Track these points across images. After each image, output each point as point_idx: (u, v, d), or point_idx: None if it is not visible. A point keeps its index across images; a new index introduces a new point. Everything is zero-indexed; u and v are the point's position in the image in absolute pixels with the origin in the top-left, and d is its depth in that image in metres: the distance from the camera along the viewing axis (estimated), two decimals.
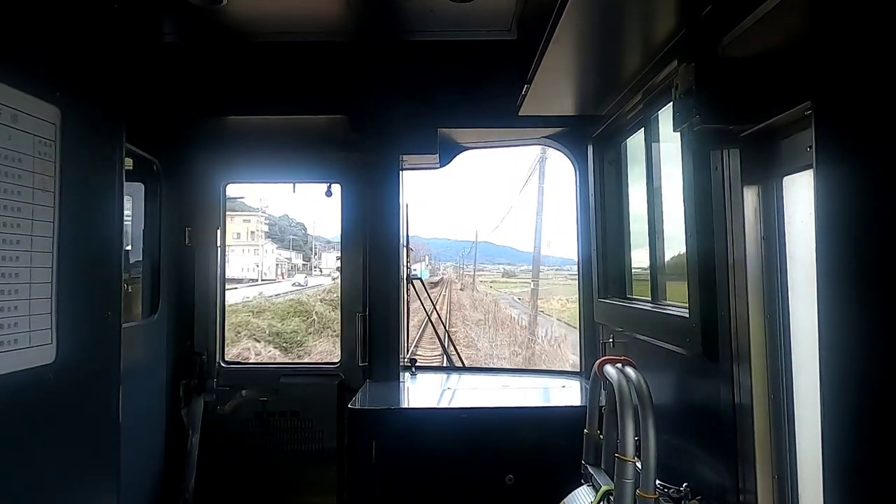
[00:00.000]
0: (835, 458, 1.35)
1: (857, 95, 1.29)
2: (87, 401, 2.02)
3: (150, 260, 4.06)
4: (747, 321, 2.09)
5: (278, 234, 48.78)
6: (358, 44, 3.86)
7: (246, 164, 4.41)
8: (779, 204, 2.07)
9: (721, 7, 2.02)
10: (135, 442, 3.55)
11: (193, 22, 3.53)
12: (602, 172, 3.73)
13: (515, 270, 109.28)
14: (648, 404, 2.19)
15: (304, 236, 51.16)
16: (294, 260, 48.35)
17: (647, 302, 3.18)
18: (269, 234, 44.84)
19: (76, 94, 1.94)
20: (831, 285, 1.36)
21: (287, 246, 48.21)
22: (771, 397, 2.06)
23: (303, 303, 19.96)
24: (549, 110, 3.52)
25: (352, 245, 4.28)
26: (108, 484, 2.16)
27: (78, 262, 1.93)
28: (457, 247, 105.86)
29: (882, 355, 1.21)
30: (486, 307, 32.17)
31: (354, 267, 4.25)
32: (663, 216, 3.00)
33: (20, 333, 1.69)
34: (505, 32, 3.67)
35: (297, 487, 4.16)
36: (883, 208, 1.22)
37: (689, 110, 2.04)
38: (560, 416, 3.29)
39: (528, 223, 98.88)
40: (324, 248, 48.07)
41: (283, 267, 44.14)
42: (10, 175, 1.66)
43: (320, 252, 48.51)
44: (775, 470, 2.05)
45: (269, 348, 15.14)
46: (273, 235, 46.86)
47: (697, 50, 2.13)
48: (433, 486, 3.30)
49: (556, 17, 2.23)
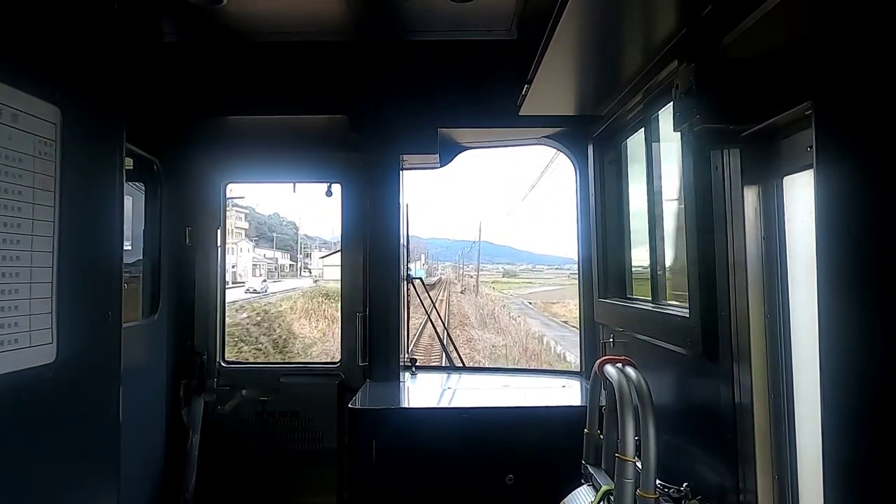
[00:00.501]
0: (835, 458, 1.35)
1: (858, 95, 1.29)
2: (87, 401, 2.02)
3: (150, 260, 4.06)
4: (747, 321, 2.09)
5: (267, 234, 47.87)
6: (358, 44, 3.86)
7: (246, 163, 4.41)
8: (779, 204, 2.07)
9: (721, 7, 2.02)
10: (135, 442, 3.55)
11: (193, 22, 3.53)
12: (602, 172, 3.74)
13: (516, 270, 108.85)
14: (648, 404, 2.19)
15: (294, 235, 50.27)
16: (281, 260, 47.01)
17: (647, 302, 3.18)
18: (250, 233, 43.21)
19: (76, 94, 1.94)
20: (831, 285, 1.36)
21: (275, 246, 47.13)
22: (771, 397, 2.06)
23: (237, 324, 16.35)
24: (549, 110, 3.52)
25: (352, 245, 4.28)
26: (108, 484, 2.16)
27: (78, 262, 1.93)
28: (456, 247, 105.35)
29: (882, 355, 1.21)
30: (498, 320, 25.85)
31: (354, 267, 4.25)
32: (663, 216, 3.00)
33: (20, 333, 1.69)
34: (505, 32, 3.67)
35: (297, 487, 4.16)
36: (883, 208, 1.22)
37: (689, 110, 2.04)
38: (560, 416, 3.29)
39: (527, 223, 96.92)
40: (316, 248, 46.39)
41: (260, 268, 41.96)
42: (10, 175, 1.66)
43: (311, 252, 46.68)
44: (775, 469, 2.05)
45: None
46: (262, 234, 45.91)
47: (698, 50, 2.13)
48: (433, 485, 3.30)
49: (556, 17, 2.23)
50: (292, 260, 48.23)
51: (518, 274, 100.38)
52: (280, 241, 48.31)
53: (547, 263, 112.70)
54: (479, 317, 27.23)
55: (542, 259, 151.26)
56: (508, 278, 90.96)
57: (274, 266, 45.12)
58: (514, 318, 26.52)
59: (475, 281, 52.44)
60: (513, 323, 25.24)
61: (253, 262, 41.75)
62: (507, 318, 26.52)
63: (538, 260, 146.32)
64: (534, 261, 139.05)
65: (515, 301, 40.39)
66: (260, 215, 48.68)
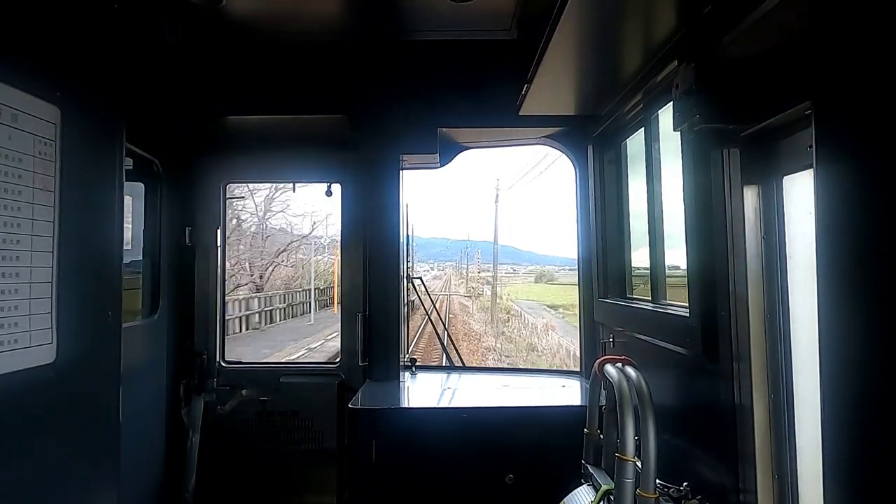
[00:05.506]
0: (835, 458, 1.35)
1: (857, 95, 1.29)
2: (87, 400, 2.02)
3: (150, 260, 4.06)
4: (747, 321, 2.09)
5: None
6: (358, 44, 3.86)
7: (246, 163, 4.41)
8: (779, 204, 2.07)
9: (721, 7, 2.02)
10: (135, 442, 3.55)
11: (193, 21, 3.53)
12: (602, 172, 3.74)
13: (520, 271, 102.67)
14: (648, 404, 2.19)
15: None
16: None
17: (647, 302, 3.18)
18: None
19: (76, 94, 1.94)
20: (831, 285, 1.36)
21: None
22: (771, 397, 2.06)
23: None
24: (549, 110, 3.52)
25: (352, 245, 4.29)
26: (108, 484, 2.16)
27: (78, 262, 1.93)
28: (456, 247, 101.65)
29: (882, 355, 1.21)
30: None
31: (354, 267, 4.25)
32: (663, 216, 3.00)
33: (20, 333, 1.69)
34: (505, 32, 3.66)
35: (297, 487, 4.16)
36: (883, 208, 1.22)
37: (689, 110, 2.04)
38: (560, 416, 3.29)
39: (530, 223, 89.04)
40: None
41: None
42: (10, 175, 1.66)
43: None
44: (775, 469, 2.05)
45: None
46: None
47: (697, 50, 2.13)
48: (433, 485, 3.30)
49: (556, 17, 2.23)
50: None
51: (556, 278, 76.91)
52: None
53: (557, 265, 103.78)
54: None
55: (546, 260, 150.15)
56: (547, 283, 72.93)
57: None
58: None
59: (492, 288, 39.15)
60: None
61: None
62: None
63: (544, 261, 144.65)
64: (539, 262, 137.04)
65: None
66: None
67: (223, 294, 4.39)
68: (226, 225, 4.43)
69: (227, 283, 4.57)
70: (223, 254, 4.38)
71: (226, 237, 4.44)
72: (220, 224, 4.34)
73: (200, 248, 4.30)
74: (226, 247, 4.44)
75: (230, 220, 23.81)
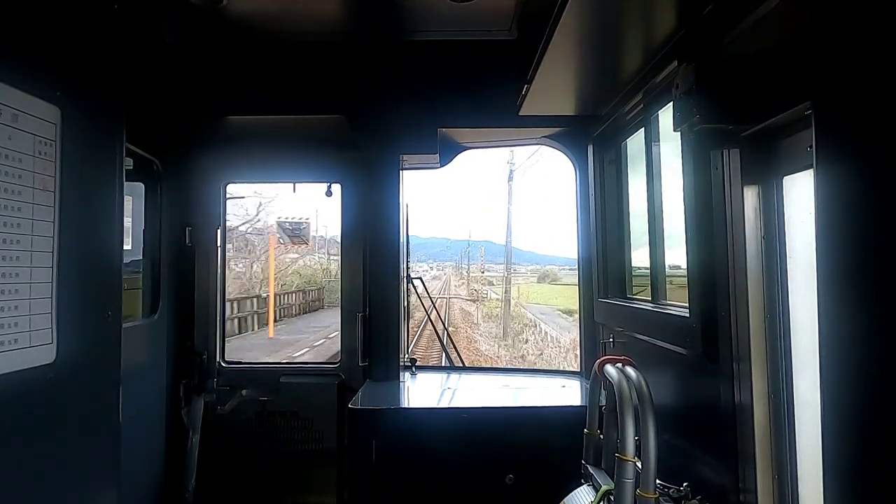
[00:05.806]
0: (835, 458, 1.35)
1: (857, 95, 1.29)
2: (87, 400, 2.02)
3: (150, 260, 4.06)
4: (747, 321, 2.09)
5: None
6: (358, 44, 3.86)
7: (246, 163, 4.41)
8: (779, 204, 2.07)
9: (721, 7, 2.02)
10: (135, 442, 3.55)
11: (193, 21, 3.53)
12: (602, 172, 3.74)
13: (521, 270, 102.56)
14: (648, 404, 2.19)
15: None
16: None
17: (647, 302, 3.18)
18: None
19: (76, 94, 1.94)
20: (831, 285, 1.36)
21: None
22: (771, 397, 2.06)
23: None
24: (549, 110, 3.52)
25: (352, 245, 4.29)
26: (108, 483, 2.16)
27: (78, 262, 1.93)
28: (455, 246, 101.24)
29: (882, 355, 1.21)
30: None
31: (354, 267, 4.25)
32: (663, 216, 3.00)
33: (20, 333, 1.69)
34: (505, 32, 3.66)
35: (297, 487, 4.16)
36: (883, 208, 1.22)
37: (689, 110, 2.04)
38: (560, 416, 3.29)
39: (529, 222, 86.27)
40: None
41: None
42: (10, 175, 1.66)
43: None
44: (775, 470, 2.05)
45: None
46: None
47: (698, 50, 2.13)
48: (433, 485, 3.30)
49: (556, 17, 2.23)
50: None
51: (560, 278, 72.25)
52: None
53: (558, 264, 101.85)
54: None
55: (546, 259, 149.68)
56: (551, 283, 70.76)
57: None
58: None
59: (504, 293, 28.91)
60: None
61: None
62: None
63: (544, 260, 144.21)
64: (540, 262, 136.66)
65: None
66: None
67: (223, 294, 4.39)
68: (226, 225, 4.43)
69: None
70: (223, 254, 4.38)
71: (226, 237, 4.44)
72: (220, 224, 4.34)
73: (200, 248, 4.30)
74: (226, 247, 4.44)
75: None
